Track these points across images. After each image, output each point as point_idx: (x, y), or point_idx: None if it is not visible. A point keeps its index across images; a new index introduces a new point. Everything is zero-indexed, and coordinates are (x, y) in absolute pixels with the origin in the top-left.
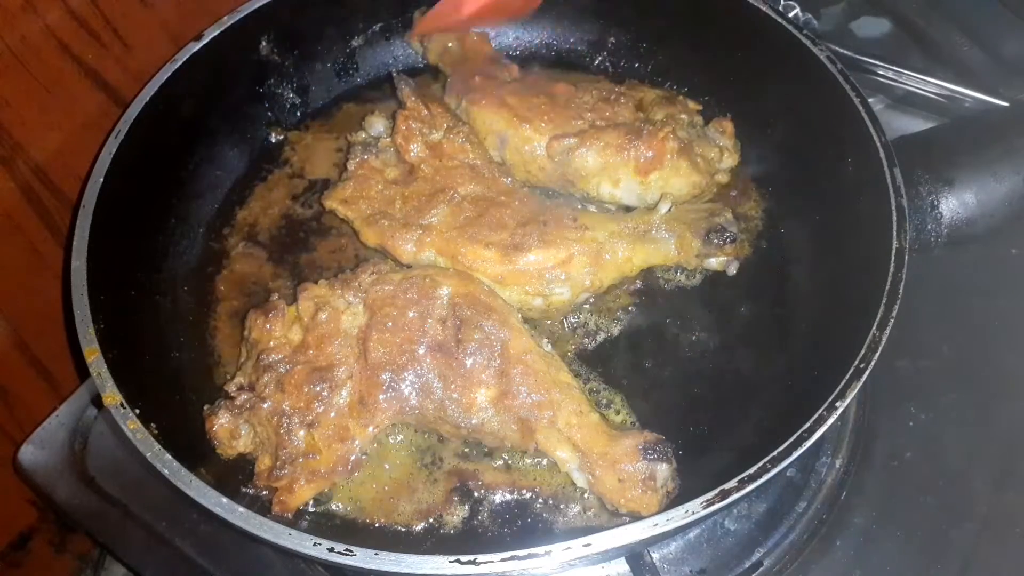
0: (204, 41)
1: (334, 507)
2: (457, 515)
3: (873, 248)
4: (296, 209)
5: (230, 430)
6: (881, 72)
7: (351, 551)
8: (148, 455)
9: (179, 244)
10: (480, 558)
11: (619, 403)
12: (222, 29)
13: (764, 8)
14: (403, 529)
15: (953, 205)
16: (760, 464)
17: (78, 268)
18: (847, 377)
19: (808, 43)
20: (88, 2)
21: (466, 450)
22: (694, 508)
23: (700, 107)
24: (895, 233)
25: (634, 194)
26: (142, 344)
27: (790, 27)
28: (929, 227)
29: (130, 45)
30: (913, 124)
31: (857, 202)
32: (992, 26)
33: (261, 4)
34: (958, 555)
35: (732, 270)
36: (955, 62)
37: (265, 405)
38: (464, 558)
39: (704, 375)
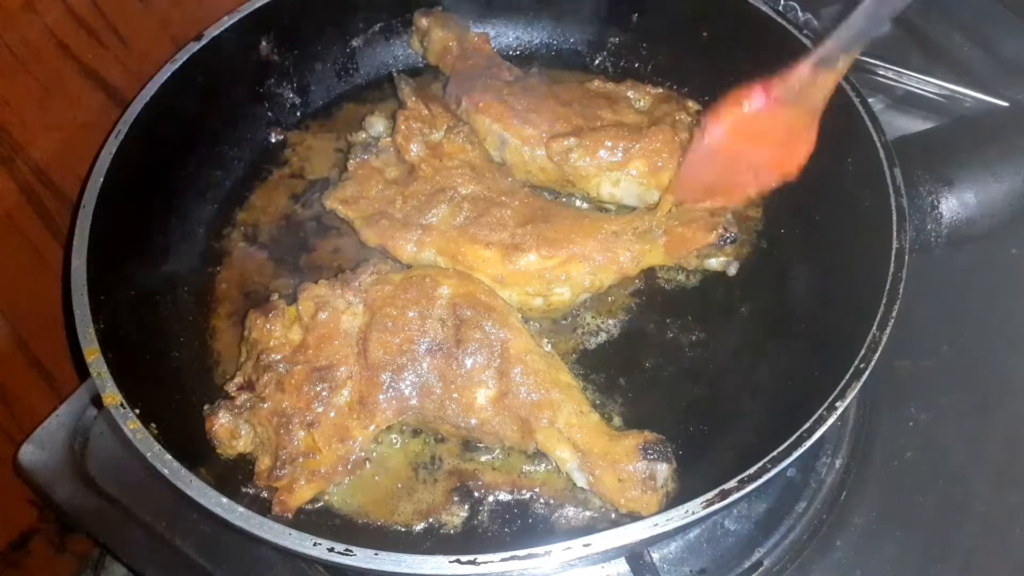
0: (204, 41)
1: (334, 507)
2: (457, 515)
3: (873, 248)
4: (296, 209)
5: (230, 430)
6: (881, 72)
7: (351, 551)
8: (148, 455)
9: (179, 244)
10: (480, 558)
11: (619, 403)
12: (222, 29)
13: (764, 8)
14: (403, 529)
15: (953, 205)
16: (760, 464)
17: (78, 268)
18: (847, 377)
19: (808, 43)
20: (88, 2)
21: (466, 450)
22: (694, 508)
23: (700, 107)
24: (895, 233)
25: (634, 194)
26: (142, 344)
27: (790, 27)
28: (929, 227)
29: (130, 45)
30: (913, 124)
31: (857, 202)
32: (992, 26)
33: (261, 4)
34: (958, 555)
35: (732, 270)
36: (955, 62)
37: (265, 405)
38: (464, 558)
39: (704, 375)
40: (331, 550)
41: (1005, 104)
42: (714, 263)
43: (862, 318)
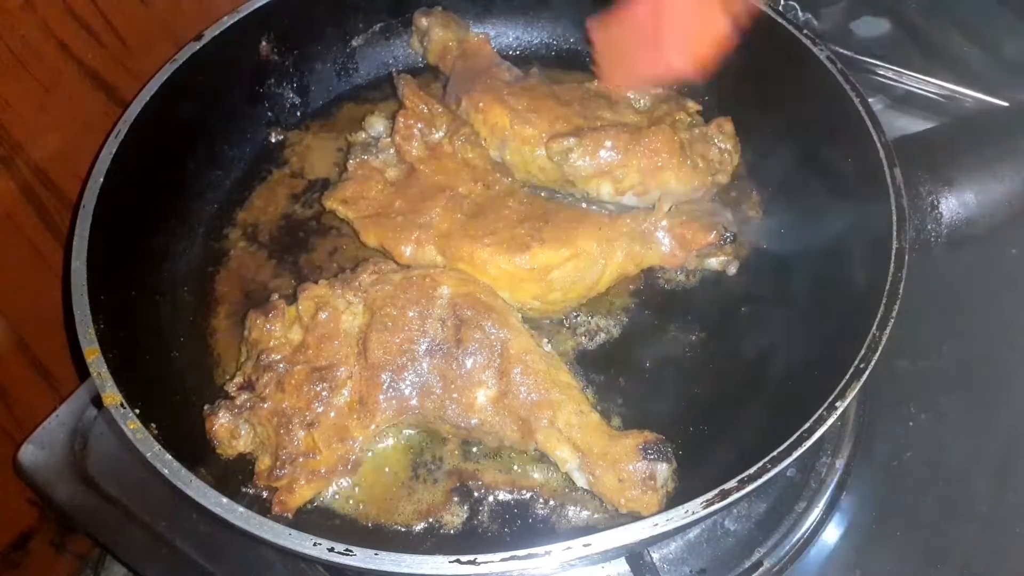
0: (204, 41)
1: (334, 507)
2: (457, 515)
3: (873, 248)
4: (296, 209)
5: (230, 430)
6: (881, 72)
7: (351, 551)
8: (148, 455)
9: (179, 244)
10: (480, 558)
11: (619, 403)
12: (222, 29)
13: (764, 8)
14: (403, 529)
15: (953, 205)
16: (760, 464)
17: (78, 268)
18: (847, 377)
19: (808, 43)
20: (88, 2)
21: (466, 450)
22: (694, 508)
23: (700, 107)
24: (895, 233)
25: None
26: (142, 344)
27: (790, 27)
28: (929, 227)
29: (130, 45)
30: (913, 124)
31: (857, 202)
32: (992, 26)
33: (261, 4)
34: (958, 555)
35: (732, 270)
36: (955, 62)
37: (265, 405)
38: (464, 558)
39: (704, 375)
40: (331, 550)
41: (1005, 104)
42: (714, 263)
43: (862, 318)
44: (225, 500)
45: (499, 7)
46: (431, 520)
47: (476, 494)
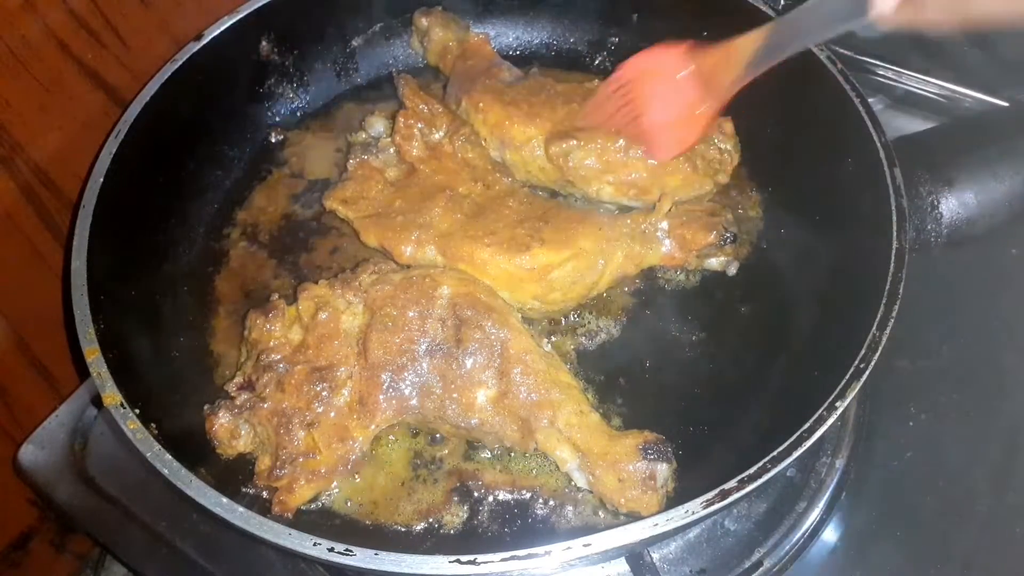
0: (204, 41)
1: (334, 507)
2: (457, 515)
3: (873, 248)
4: (296, 209)
5: (230, 430)
6: (881, 72)
7: (351, 551)
8: (148, 455)
9: (179, 244)
10: (480, 558)
11: (619, 403)
12: (222, 29)
13: (764, 8)
14: (403, 529)
15: (953, 205)
16: (760, 464)
17: (78, 268)
18: (847, 377)
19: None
20: (88, 2)
21: (466, 450)
22: (694, 508)
23: None
24: (895, 233)
25: None
26: (142, 344)
27: None
28: (929, 227)
29: (130, 45)
30: (913, 124)
31: (857, 202)
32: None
33: (261, 4)
34: (958, 555)
35: (732, 270)
36: (955, 62)
37: (265, 405)
38: (464, 558)
39: (704, 375)
40: (331, 550)
41: (1005, 104)
42: (714, 263)
43: (862, 318)
44: (225, 500)
45: (499, 7)
46: (431, 520)
47: (476, 494)
